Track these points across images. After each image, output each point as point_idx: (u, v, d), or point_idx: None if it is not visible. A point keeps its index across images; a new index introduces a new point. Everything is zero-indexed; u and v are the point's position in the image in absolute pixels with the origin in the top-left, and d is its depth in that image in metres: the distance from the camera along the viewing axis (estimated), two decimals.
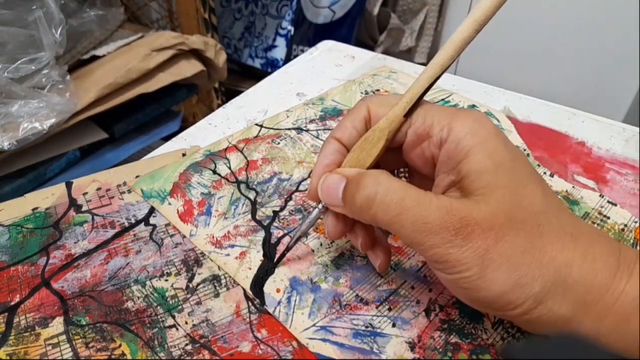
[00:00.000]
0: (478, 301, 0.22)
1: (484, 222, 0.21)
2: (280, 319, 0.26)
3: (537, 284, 0.21)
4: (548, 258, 0.21)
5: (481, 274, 0.21)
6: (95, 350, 0.25)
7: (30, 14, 0.63)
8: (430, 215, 0.21)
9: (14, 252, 0.30)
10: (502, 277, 0.21)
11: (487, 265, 0.21)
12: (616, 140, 0.41)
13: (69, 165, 0.77)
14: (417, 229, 0.22)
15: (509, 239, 0.21)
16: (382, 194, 0.22)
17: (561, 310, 0.21)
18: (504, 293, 0.21)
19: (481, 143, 0.22)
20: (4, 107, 0.62)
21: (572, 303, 0.21)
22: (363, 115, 0.26)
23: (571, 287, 0.21)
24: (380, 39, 1.46)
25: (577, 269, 0.21)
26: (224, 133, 0.42)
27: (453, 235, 0.21)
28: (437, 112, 0.24)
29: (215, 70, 0.92)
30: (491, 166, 0.22)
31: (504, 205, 0.21)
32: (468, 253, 0.21)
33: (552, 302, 0.21)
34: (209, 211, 0.33)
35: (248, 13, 1.28)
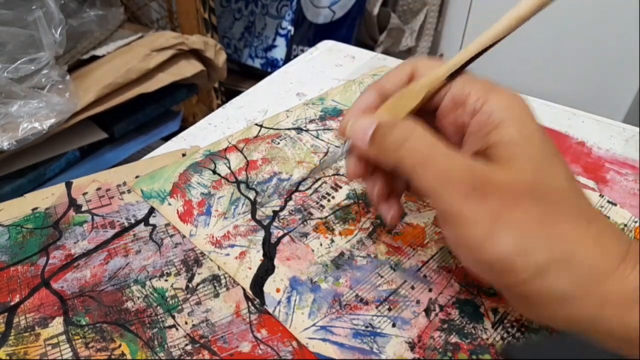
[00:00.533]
0: (480, 262, 0.22)
1: (503, 186, 0.21)
2: (280, 319, 0.26)
3: (542, 255, 0.21)
4: (559, 233, 0.21)
5: (490, 234, 0.21)
6: (95, 350, 0.25)
7: (30, 14, 0.63)
8: (454, 169, 0.22)
9: (14, 252, 0.30)
10: (509, 240, 0.21)
11: (497, 226, 0.21)
12: (616, 140, 0.41)
13: (69, 165, 0.76)
14: (438, 178, 0.22)
15: (525, 207, 0.21)
16: (414, 139, 0.23)
17: (561, 286, 0.21)
18: (508, 257, 0.21)
19: (513, 117, 0.23)
20: (4, 107, 0.62)
21: (573, 281, 0.21)
22: (408, 71, 0.27)
23: (575, 265, 0.21)
24: (380, 39, 1.45)
25: (585, 250, 0.21)
26: (224, 133, 0.42)
27: (471, 190, 0.21)
28: (476, 83, 0.25)
29: (215, 70, 0.92)
30: (520, 139, 0.22)
31: (527, 175, 0.22)
32: (481, 210, 0.21)
33: (553, 277, 0.21)
34: (209, 211, 0.33)
35: (248, 13, 1.28)
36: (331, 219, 0.33)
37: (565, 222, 0.21)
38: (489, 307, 0.27)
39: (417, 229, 0.32)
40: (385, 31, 1.45)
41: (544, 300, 0.22)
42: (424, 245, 0.30)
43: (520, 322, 0.26)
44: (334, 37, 0.63)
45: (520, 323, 0.26)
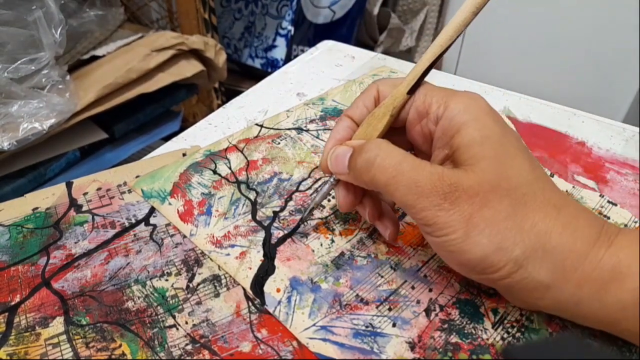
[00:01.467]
0: (463, 264, 0.24)
1: (470, 189, 0.22)
2: (281, 319, 0.26)
3: (518, 248, 0.22)
4: (529, 225, 0.22)
5: (465, 237, 0.22)
6: (95, 350, 0.25)
7: (30, 14, 0.63)
8: (422, 179, 0.23)
9: (15, 252, 0.30)
10: (485, 240, 0.22)
11: (471, 229, 0.22)
12: (616, 140, 0.41)
13: (69, 165, 0.77)
14: (410, 192, 0.23)
15: (492, 205, 0.22)
16: (381, 157, 0.24)
17: (540, 275, 0.22)
18: (486, 256, 0.22)
19: (472, 119, 0.24)
20: (4, 107, 0.62)
21: (550, 268, 0.22)
22: (373, 95, 0.29)
23: (550, 253, 0.22)
24: (380, 39, 1.46)
25: (557, 236, 0.22)
26: (224, 133, 0.42)
27: (442, 199, 0.23)
28: (436, 92, 0.26)
29: (215, 70, 0.92)
30: (479, 139, 0.23)
31: (489, 175, 0.23)
32: (454, 217, 0.22)
33: (531, 267, 0.22)
34: (209, 211, 0.33)
35: (248, 13, 1.28)
36: (331, 219, 0.33)
37: (534, 212, 0.22)
38: (489, 307, 0.27)
39: (417, 229, 0.32)
40: (385, 31, 1.45)
41: (527, 289, 0.23)
42: (424, 245, 0.30)
43: (520, 322, 0.26)
44: (334, 37, 0.63)
45: (521, 323, 0.26)
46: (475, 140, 0.23)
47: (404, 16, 1.48)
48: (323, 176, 0.36)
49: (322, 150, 0.39)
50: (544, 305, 0.24)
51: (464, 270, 0.24)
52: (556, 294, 0.23)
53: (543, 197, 0.23)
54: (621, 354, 0.24)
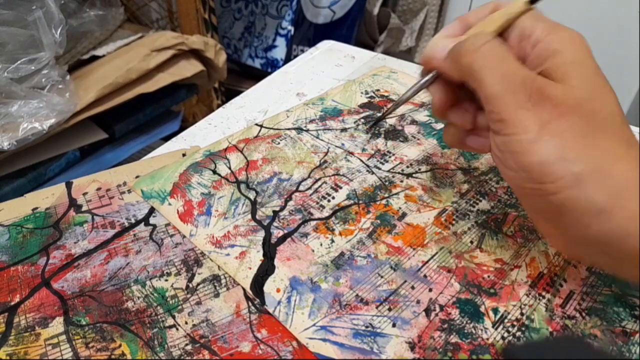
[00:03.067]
0: (522, 168, 0.24)
1: (555, 98, 0.23)
2: (280, 319, 0.26)
3: (581, 164, 0.22)
4: (599, 148, 0.23)
5: (536, 139, 0.23)
6: (95, 350, 0.25)
7: (30, 14, 0.63)
8: (517, 75, 0.24)
9: (14, 252, 0.30)
10: (552, 147, 0.23)
11: (544, 133, 0.23)
12: None
13: (69, 165, 0.77)
14: (503, 80, 0.24)
15: (571, 118, 0.23)
16: (488, 45, 0.25)
17: (596, 196, 0.22)
18: (549, 162, 0.23)
19: (571, 47, 0.25)
20: (4, 107, 0.62)
21: (607, 192, 0.22)
22: (491, 7, 0.29)
23: (611, 178, 0.22)
24: (380, 39, 1.46)
25: (622, 165, 0.22)
26: (224, 133, 0.42)
27: (526, 98, 0.23)
28: (544, 21, 0.27)
29: (215, 70, 0.92)
30: (575, 61, 0.24)
31: (579, 92, 0.23)
32: (532, 118, 0.23)
33: (589, 187, 0.22)
34: (209, 211, 0.33)
35: (248, 13, 1.28)
36: (331, 219, 0.33)
37: (607, 139, 0.23)
38: (489, 307, 0.27)
39: (417, 229, 0.32)
40: (385, 31, 1.45)
41: (577, 210, 0.22)
42: (424, 245, 0.30)
43: (520, 322, 0.26)
44: (334, 37, 0.63)
45: (521, 322, 0.26)
46: (574, 61, 0.24)
47: (404, 16, 1.48)
48: (323, 176, 0.36)
49: (321, 150, 0.39)
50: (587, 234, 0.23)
51: (520, 176, 0.24)
52: (604, 223, 0.22)
53: (621, 130, 0.23)
54: (621, 354, 0.24)
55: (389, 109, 0.32)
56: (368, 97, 0.46)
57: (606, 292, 0.27)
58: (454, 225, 0.32)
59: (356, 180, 0.36)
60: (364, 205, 0.34)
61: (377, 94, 0.47)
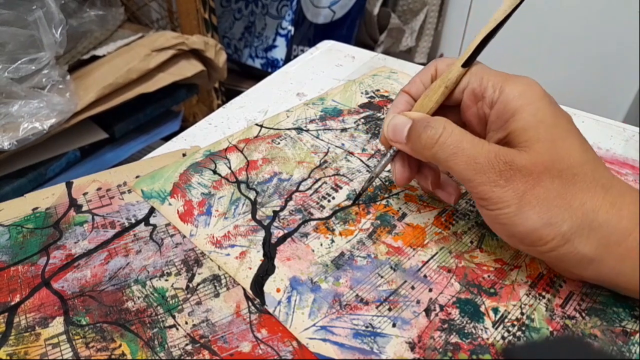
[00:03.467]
0: (514, 236, 0.26)
1: (524, 169, 0.24)
2: (281, 319, 0.26)
3: (566, 224, 0.24)
4: (578, 203, 0.24)
5: (518, 211, 0.24)
6: (95, 350, 0.25)
7: (30, 14, 0.63)
8: (480, 156, 0.25)
9: (14, 252, 0.30)
10: (535, 215, 0.24)
11: (524, 204, 0.24)
12: (616, 140, 0.41)
13: (69, 165, 0.77)
14: (468, 167, 0.25)
15: (545, 184, 0.24)
16: (444, 135, 0.26)
17: (585, 249, 0.24)
18: (536, 229, 0.24)
19: (527, 104, 0.25)
20: (4, 107, 0.62)
21: (595, 243, 0.24)
22: (430, 72, 0.30)
23: (596, 229, 0.24)
24: (380, 39, 1.45)
25: (604, 214, 0.24)
26: (224, 133, 0.42)
27: (497, 176, 0.25)
28: (492, 76, 0.28)
29: (215, 70, 0.92)
30: (533, 123, 0.25)
31: (543, 156, 0.24)
32: (509, 193, 0.24)
33: (577, 241, 0.24)
34: (209, 211, 0.33)
35: (248, 13, 1.28)
36: (331, 219, 0.33)
37: (583, 192, 0.24)
38: (489, 307, 0.27)
39: (417, 229, 0.32)
40: (385, 31, 1.45)
41: (572, 262, 0.25)
42: (424, 245, 0.30)
43: (520, 321, 0.26)
44: (334, 37, 0.63)
45: (521, 322, 0.26)
46: (530, 124, 0.25)
47: (404, 16, 1.48)
48: (323, 176, 0.36)
49: (321, 150, 0.39)
50: (587, 276, 0.25)
51: (514, 242, 0.26)
52: (599, 267, 0.24)
53: (592, 177, 0.24)
54: (621, 354, 0.24)
55: (365, 186, 0.33)
56: (368, 97, 0.46)
57: (606, 293, 0.27)
58: (454, 225, 0.32)
59: (356, 181, 0.36)
60: (364, 205, 0.34)
61: (377, 94, 0.47)
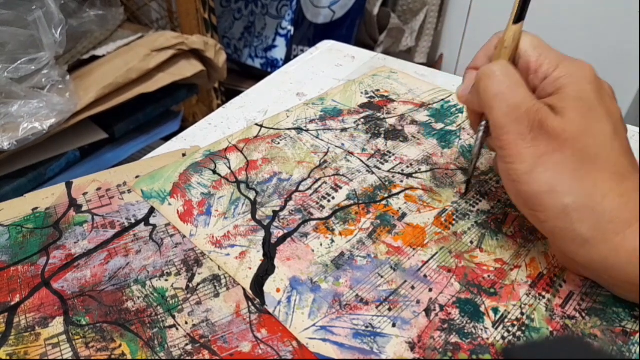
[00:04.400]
0: (519, 195, 0.26)
1: (553, 130, 0.25)
2: (280, 319, 0.26)
3: (570, 197, 0.24)
4: (590, 182, 0.24)
5: (530, 170, 0.25)
6: (95, 350, 0.25)
7: (30, 14, 0.63)
8: (524, 105, 0.26)
9: (14, 252, 0.30)
10: (544, 179, 0.24)
11: (538, 165, 0.25)
12: None
13: (69, 165, 0.77)
14: (510, 112, 0.26)
15: (565, 152, 0.24)
16: (503, 72, 0.27)
17: (582, 228, 0.24)
18: (540, 193, 0.24)
19: (573, 82, 0.26)
20: (4, 107, 0.62)
21: (593, 225, 0.23)
22: (493, 44, 0.31)
23: (597, 213, 0.23)
24: (380, 39, 1.45)
25: (610, 201, 0.23)
26: (224, 133, 0.42)
27: (527, 130, 0.25)
28: (551, 53, 0.28)
29: (215, 70, 0.92)
30: (575, 96, 0.26)
31: (574, 126, 0.25)
32: (529, 150, 0.25)
33: (576, 218, 0.24)
34: (209, 211, 0.33)
35: (248, 13, 1.28)
36: (331, 219, 0.33)
37: (599, 173, 0.24)
38: (489, 307, 0.27)
39: (417, 229, 0.32)
40: (385, 31, 1.45)
41: (565, 239, 0.25)
42: (424, 245, 0.30)
43: (520, 321, 0.26)
44: (334, 37, 0.63)
45: (521, 322, 0.26)
46: (571, 96, 0.25)
47: (404, 16, 1.48)
48: (323, 176, 0.36)
49: (321, 150, 0.39)
50: (576, 258, 0.25)
51: (520, 203, 0.27)
52: (591, 252, 0.24)
53: (614, 163, 0.24)
54: (621, 354, 0.24)
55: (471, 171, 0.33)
56: (368, 97, 0.46)
57: (606, 293, 0.27)
58: (454, 225, 0.32)
59: (356, 181, 0.36)
60: (364, 205, 0.34)
61: (377, 94, 0.47)
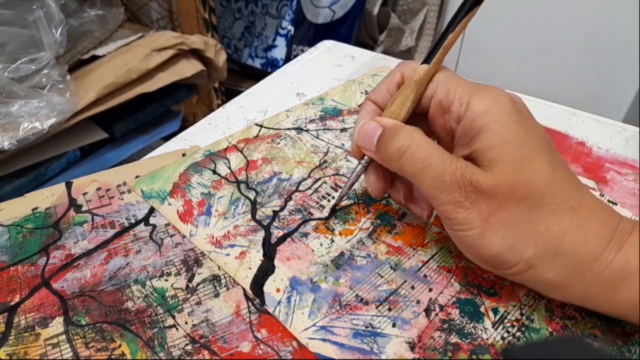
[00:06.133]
0: (479, 258, 0.25)
1: (489, 190, 0.23)
2: (280, 319, 0.26)
3: (530, 250, 0.23)
4: (543, 228, 0.23)
5: (481, 235, 0.24)
6: (95, 350, 0.25)
7: (31, 14, 0.63)
8: (447, 174, 0.24)
9: (14, 252, 0.30)
10: (499, 240, 0.23)
11: (487, 228, 0.23)
12: (616, 140, 0.41)
13: (69, 165, 0.77)
14: (435, 185, 0.24)
15: (509, 208, 0.23)
16: (412, 148, 0.25)
17: (550, 275, 0.23)
18: (499, 254, 0.23)
19: (493, 122, 0.24)
20: (4, 107, 0.62)
21: (560, 270, 0.23)
22: (397, 80, 0.29)
23: (561, 256, 0.23)
24: (380, 39, 1.45)
25: (569, 240, 0.23)
26: (224, 133, 0.42)
27: (463, 197, 0.24)
28: (460, 88, 0.26)
29: (215, 70, 0.92)
30: (499, 142, 0.24)
31: (508, 178, 0.23)
32: (473, 215, 0.24)
33: (542, 268, 0.23)
34: (209, 211, 0.33)
35: (248, 13, 1.28)
36: (331, 219, 0.33)
37: (548, 215, 0.23)
38: (489, 307, 0.27)
39: (417, 229, 0.32)
40: (385, 31, 1.45)
41: (538, 286, 0.25)
42: (424, 245, 0.30)
43: (520, 322, 0.26)
44: (334, 37, 0.63)
45: (521, 322, 0.26)
46: (495, 144, 0.24)
47: (404, 16, 1.48)
48: (323, 176, 0.36)
49: (321, 150, 0.39)
50: (554, 298, 0.25)
51: (480, 263, 0.25)
52: (566, 292, 0.24)
53: (561, 198, 0.23)
54: (621, 354, 0.24)
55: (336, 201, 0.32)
56: None
57: None
58: None
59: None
60: (364, 205, 0.34)
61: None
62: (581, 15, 1.20)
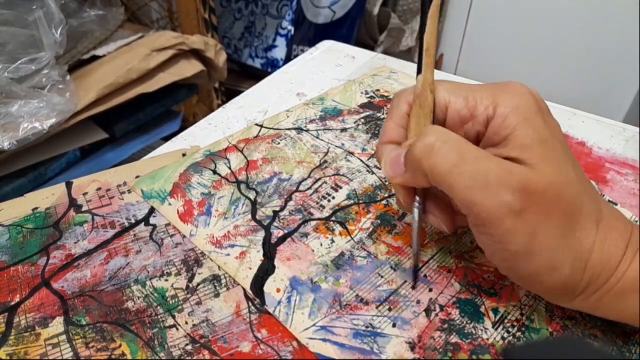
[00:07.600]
0: (512, 271, 0.23)
1: (538, 192, 0.21)
2: (280, 319, 0.26)
3: (567, 268, 0.22)
4: (577, 243, 0.22)
5: (526, 250, 0.21)
6: (95, 350, 0.25)
7: (30, 14, 0.63)
8: (490, 171, 0.21)
9: (14, 252, 0.30)
10: (543, 260, 0.22)
11: (533, 243, 0.21)
12: (616, 140, 0.41)
13: (69, 165, 0.76)
14: (474, 184, 0.21)
15: (555, 218, 0.21)
16: (442, 140, 0.22)
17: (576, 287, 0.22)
18: (538, 274, 0.22)
19: (525, 119, 0.23)
20: (4, 107, 0.62)
21: (585, 284, 0.22)
22: (403, 111, 0.27)
23: (588, 269, 0.22)
24: (380, 39, 1.45)
25: (596, 254, 0.22)
26: (224, 133, 0.42)
27: (511, 196, 0.21)
28: (477, 92, 0.24)
29: (215, 70, 0.92)
30: (538, 140, 0.22)
31: (554, 177, 0.21)
32: (521, 226, 0.21)
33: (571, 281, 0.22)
34: (209, 211, 0.33)
35: (248, 13, 1.28)
36: (331, 219, 0.33)
37: (581, 229, 0.22)
38: (489, 307, 0.27)
39: None
40: (385, 31, 1.44)
41: (558, 293, 0.23)
42: (424, 245, 0.30)
43: (520, 322, 0.26)
44: (334, 37, 0.63)
45: (521, 322, 0.26)
46: (535, 142, 0.22)
47: (404, 16, 1.48)
48: (323, 176, 0.36)
49: (321, 150, 0.39)
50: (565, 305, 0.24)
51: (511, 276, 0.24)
52: (580, 302, 0.23)
53: (587, 211, 0.22)
54: (621, 354, 0.24)
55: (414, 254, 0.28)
56: (368, 97, 0.46)
57: None
58: None
59: (356, 180, 0.36)
60: (364, 205, 0.34)
61: (377, 94, 0.47)
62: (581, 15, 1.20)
